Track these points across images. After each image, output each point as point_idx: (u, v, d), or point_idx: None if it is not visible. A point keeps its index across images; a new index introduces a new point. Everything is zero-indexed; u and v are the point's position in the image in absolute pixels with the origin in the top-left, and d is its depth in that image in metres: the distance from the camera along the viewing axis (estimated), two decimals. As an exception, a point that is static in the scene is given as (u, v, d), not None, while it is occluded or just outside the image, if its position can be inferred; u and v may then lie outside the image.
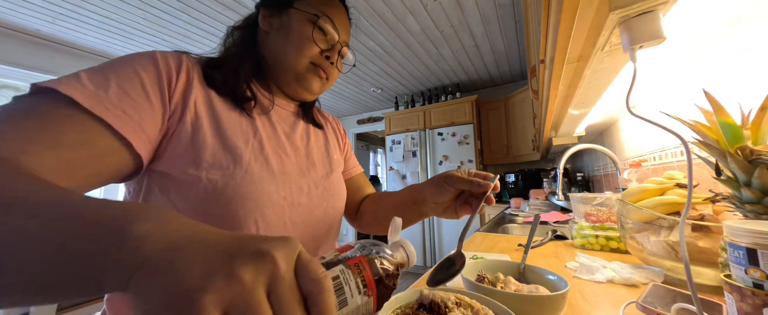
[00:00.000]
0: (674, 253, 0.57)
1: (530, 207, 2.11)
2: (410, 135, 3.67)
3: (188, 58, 0.45)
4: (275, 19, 0.53)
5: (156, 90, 0.38)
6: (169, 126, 0.40)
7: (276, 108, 0.55)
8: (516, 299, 0.44)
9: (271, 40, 0.53)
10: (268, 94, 0.55)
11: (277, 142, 0.51)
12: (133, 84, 0.36)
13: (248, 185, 0.42)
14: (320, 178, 0.56)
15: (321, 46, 0.52)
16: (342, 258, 0.24)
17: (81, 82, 0.32)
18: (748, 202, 0.42)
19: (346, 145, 0.73)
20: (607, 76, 0.66)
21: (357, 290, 0.23)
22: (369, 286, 0.24)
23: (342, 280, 0.23)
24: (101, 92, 0.32)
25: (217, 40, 2.27)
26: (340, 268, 0.23)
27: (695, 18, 0.45)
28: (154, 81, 0.38)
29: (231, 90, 0.48)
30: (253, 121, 0.49)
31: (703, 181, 0.77)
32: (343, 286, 0.22)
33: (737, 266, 0.32)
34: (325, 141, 0.63)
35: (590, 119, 1.25)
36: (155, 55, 0.40)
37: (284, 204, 0.47)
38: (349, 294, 0.23)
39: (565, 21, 0.46)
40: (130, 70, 0.36)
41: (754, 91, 0.60)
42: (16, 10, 2.01)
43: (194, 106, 0.42)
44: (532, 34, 1.17)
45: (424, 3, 2.07)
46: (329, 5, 0.54)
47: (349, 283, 0.23)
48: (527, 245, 0.64)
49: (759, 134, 0.41)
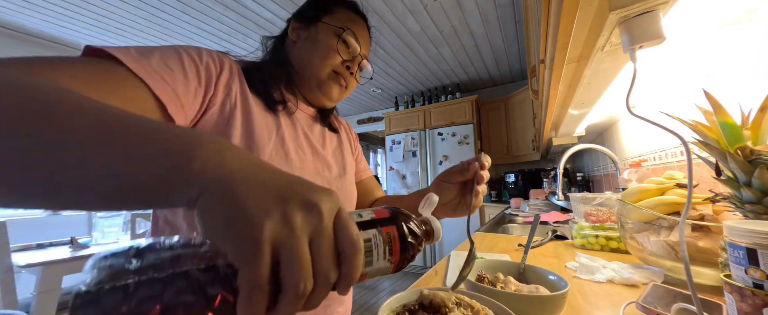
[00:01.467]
0: (674, 253, 0.57)
1: (530, 207, 2.11)
2: (410, 135, 3.67)
3: (230, 57, 0.51)
4: (303, 31, 0.58)
5: (193, 69, 0.41)
6: (207, 107, 0.44)
7: (299, 111, 0.60)
8: (516, 299, 0.44)
9: (299, 49, 0.58)
10: (293, 97, 0.60)
11: (297, 140, 0.56)
12: (173, 60, 0.39)
13: None
14: (334, 177, 0.59)
15: (343, 56, 0.57)
16: (377, 222, 0.26)
17: (128, 50, 0.35)
18: (748, 202, 0.42)
19: (357, 149, 0.76)
20: (607, 76, 0.66)
21: (383, 256, 0.25)
22: (394, 255, 0.26)
23: (372, 245, 0.24)
24: (143, 59, 0.35)
25: (217, 40, 2.28)
26: (374, 233, 0.25)
27: (695, 18, 0.45)
28: (193, 63, 0.42)
29: (266, 91, 0.53)
30: (277, 120, 0.53)
31: (703, 181, 0.77)
32: (373, 249, 0.24)
33: (737, 266, 0.32)
34: (339, 144, 0.67)
35: (590, 119, 1.25)
36: (201, 48, 0.45)
37: None
38: (375, 257, 0.25)
39: (565, 21, 0.46)
40: (174, 50, 0.41)
41: (754, 91, 0.60)
42: (16, 10, 2.01)
43: (235, 97, 0.47)
44: (532, 34, 1.17)
45: (424, 3, 2.07)
46: (353, 22, 0.59)
47: (378, 248, 0.25)
48: (527, 245, 0.64)
49: (759, 134, 0.41)
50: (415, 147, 3.60)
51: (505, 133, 3.40)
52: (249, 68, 0.53)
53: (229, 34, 2.36)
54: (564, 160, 1.30)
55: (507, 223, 1.69)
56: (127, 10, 2.04)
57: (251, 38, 2.44)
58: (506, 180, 3.33)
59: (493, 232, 1.34)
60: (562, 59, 0.61)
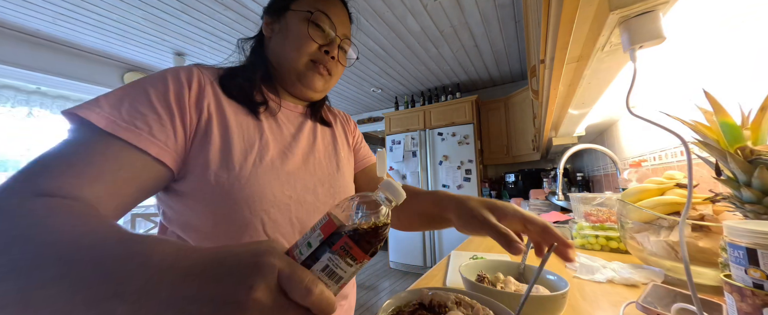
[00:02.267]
0: (674, 253, 0.57)
1: (530, 207, 2.11)
2: (410, 135, 3.67)
3: (199, 68, 0.48)
4: (276, 23, 0.55)
5: (162, 103, 0.40)
6: (192, 131, 0.43)
7: (284, 110, 0.57)
8: (516, 299, 0.44)
9: (273, 44, 0.55)
10: (275, 97, 0.56)
11: (283, 143, 0.53)
12: (141, 101, 0.39)
13: (253, 186, 0.44)
14: (326, 176, 0.57)
15: (318, 41, 0.53)
16: (327, 242, 0.25)
17: (100, 105, 0.36)
18: (748, 202, 0.42)
19: (355, 138, 0.72)
20: (607, 76, 0.66)
21: (348, 266, 0.24)
22: (359, 259, 0.25)
23: (332, 267, 0.24)
24: (115, 112, 0.36)
25: (217, 40, 2.28)
26: (328, 257, 0.24)
27: (695, 18, 0.45)
28: (162, 94, 0.41)
29: (245, 96, 0.50)
30: (260, 124, 0.51)
31: (703, 181, 0.77)
32: (335, 270, 0.24)
33: (737, 266, 0.32)
34: (332, 139, 0.64)
35: (590, 119, 1.25)
36: (165, 72, 0.44)
37: (290, 203, 0.48)
38: (342, 272, 0.24)
39: (565, 21, 0.46)
40: (141, 88, 0.40)
41: (754, 91, 0.60)
42: (16, 10, 2.01)
43: (207, 112, 0.45)
44: (532, 34, 1.17)
45: (424, 3, 2.07)
46: (325, 1, 0.54)
47: (339, 265, 0.24)
48: (527, 245, 0.64)
49: (759, 134, 0.41)
50: (415, 147, 3.60)
51: (505, 133, 3.39)
52: (226, 75, 0.51)
53: (229, 34, 2.36)
54: (564, 160, 1.30)
55: (507, 223, 1.68)
56: (127, 10, 2.04)
57: (251, 38, 2.44)
58: (506, 180, 3.33)
59: (493, 232, 1.34)
60: (562, 59, 0.61)
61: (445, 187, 3.35)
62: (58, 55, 2.48)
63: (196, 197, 0.42)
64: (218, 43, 2.49)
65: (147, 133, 0.37)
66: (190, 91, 0.44)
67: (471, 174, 3.19)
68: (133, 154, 0.36)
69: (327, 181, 0.56)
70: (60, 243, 0.24)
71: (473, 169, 3.19)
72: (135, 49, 2.60)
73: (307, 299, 0.21)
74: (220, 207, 0.42)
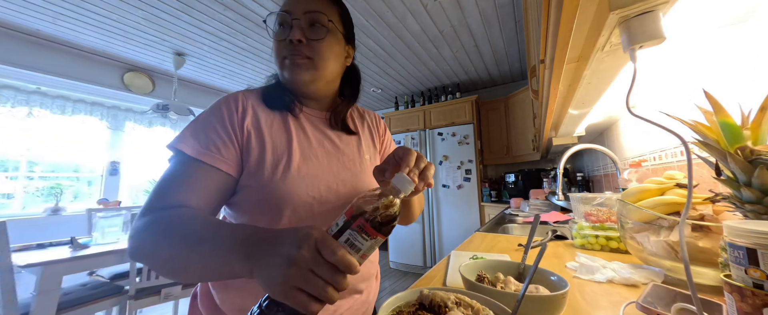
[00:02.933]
0: (674, 253, 0.57)
1: (530, 207, 2.11)
2: (410, 135, 3.67)
3: (244, 94, 0.58)
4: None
5: (222, 125, 0.52)
6: (240, 147, 0.53)
7: (311, 118, 0.63)
8: (515, 299, 0.44)
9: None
10: (298, 103, 0.62)
11: (310, 149, 0.59)
12: (210, 129, 0.51)
13: (281, 190, 0.52)
14: (349, 177, 0.60)
15: (279, 38, 0.56)
16: (348, 222, 0.35)
17: (186, 138, 0.50)
18: (748, 202, 0.42)
19: (384, 141, 0.76)
20: (607, 76, 0.66)
21: (364, 239, 0.34)
22: (372, 235, 0.34)
23: (352, 240, 0.34)
24: (195, 141, 0.50)
25: (217, 40, 2.27)
26: (349, 233, 0.34)
27: (695, 18, 0.45)
28: (220, 121, 0.52)
29: (277, 105, 0.59)
30: (290, 135, 0.57)
31: (703, 181, 0.77)
32: (354, 242, 0.34)
33: (737, 266, 0.32)
34: (357, 143, 0.67)
35: (590, 119, 1.25)
36: (220, 102, 0.55)
37: (313, 203, 0.54)
38: (359, 244, 0.34)
39: (565, 21, 0.46)
40: (208, 119, 0.53)
41: (754, 91, 0.60)
42: (16, 10, 2.01)
43: (247, 130, 0.54)
44: (532, 34, 1.17)
45: (424, 3, 2.07)
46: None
47: (357, 239, 0.34)
48: (527, 245, 0.64)
49: (759, 134, 0.41)
50: (415, 147, 3.60)
51: (505, 133, 3.39)
52: (266, 92, 0.60)
53: (229, 34, 2.36)
54: (564, 160, 1.30)
55: (507, 223, 1.69)
56: (127, 10, 2.04)
57: (251, 38, 2.44)
58: (506, 180, 3.33)
59: (493, 232, 1.34)
60: (562, 59, 0.61)
61: (445, 188, 3.35)
62: (58, 55, 2.47)
63: (243, 199, 0.53)
64: (218, 43, 2.49)
65: (218, 154, 0.50)
66: (238, 114, 0.54)
67: (471, 174, 3.19)
68: (212, 171, 0.49)
69: (349, 183, 0.59)
70: (198, 230, 0.40)
71: (473, 169, 3.19)
72: (135, 49, 2.60)
73: (333, 258, 0.31)
74: (257, 206, 0.52)
